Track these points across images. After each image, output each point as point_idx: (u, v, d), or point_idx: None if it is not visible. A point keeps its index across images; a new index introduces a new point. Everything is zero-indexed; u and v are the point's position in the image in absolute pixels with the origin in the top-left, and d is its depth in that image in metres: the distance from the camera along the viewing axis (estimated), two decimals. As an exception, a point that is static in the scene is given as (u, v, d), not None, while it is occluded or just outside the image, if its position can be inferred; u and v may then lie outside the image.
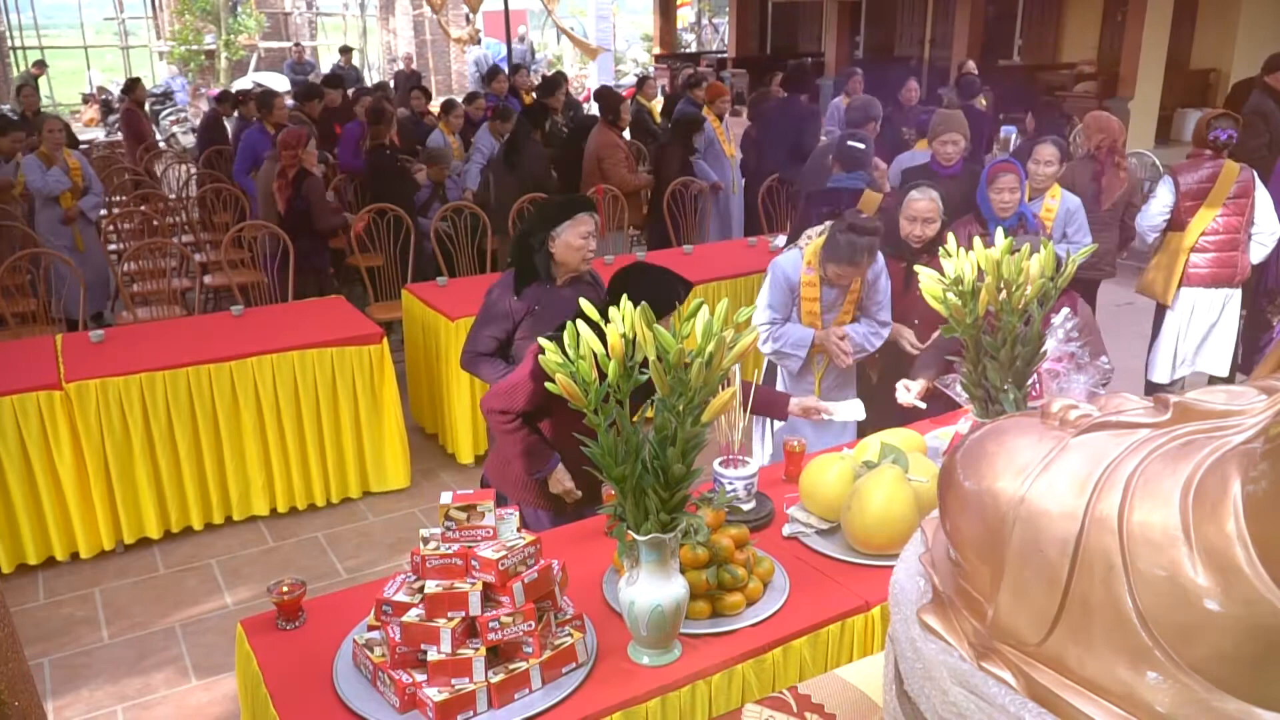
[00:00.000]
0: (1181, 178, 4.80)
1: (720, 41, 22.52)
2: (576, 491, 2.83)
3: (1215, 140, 4.75)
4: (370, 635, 2.00)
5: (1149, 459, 0.81)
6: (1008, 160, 4.18)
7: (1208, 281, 4.82)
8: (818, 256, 3.47)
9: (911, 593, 0.98)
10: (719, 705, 2.02)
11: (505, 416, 2.73)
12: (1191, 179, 4.77)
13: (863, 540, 2.33)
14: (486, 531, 1.91)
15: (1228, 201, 4.71)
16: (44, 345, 4.34)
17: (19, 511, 3.89)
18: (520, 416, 2.72)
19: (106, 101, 16.22)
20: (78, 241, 6.27)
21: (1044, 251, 2.39)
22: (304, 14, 22.49)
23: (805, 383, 3.65)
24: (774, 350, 3.59)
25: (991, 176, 4.09)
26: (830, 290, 3.52)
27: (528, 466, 2.79)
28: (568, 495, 2.83)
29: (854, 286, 3.52)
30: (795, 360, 3.57)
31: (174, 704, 3.25)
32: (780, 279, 3.57)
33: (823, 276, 3.49)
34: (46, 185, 6.18)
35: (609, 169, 6.91)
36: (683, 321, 1.75)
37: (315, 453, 4.44)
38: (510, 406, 2.70)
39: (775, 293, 3.57)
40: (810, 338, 3.52)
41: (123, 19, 20.64)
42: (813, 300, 3.52)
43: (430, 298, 4.95)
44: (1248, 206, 4.74)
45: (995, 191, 4.06)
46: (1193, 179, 4.77)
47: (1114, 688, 0.77)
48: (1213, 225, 4.75)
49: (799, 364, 3.57)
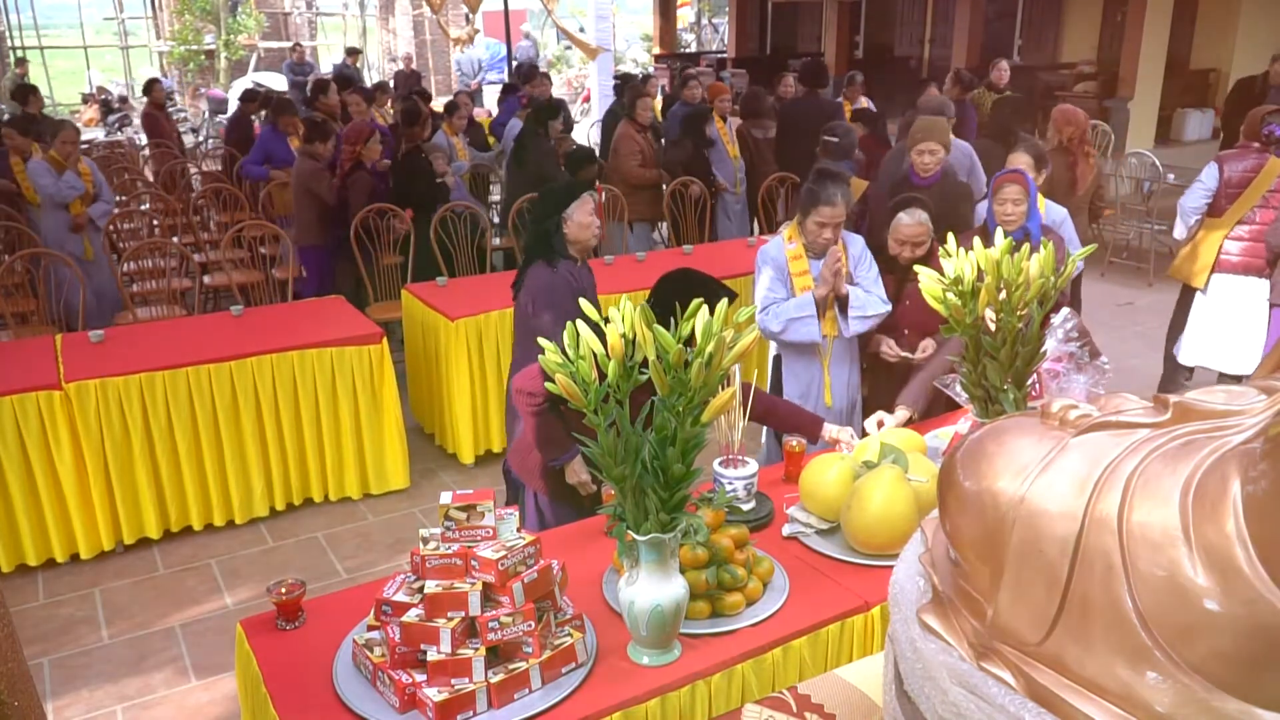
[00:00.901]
0: (1227, 165, 4.93)
1: (720, 41, 22.53)
2: (592, 485, 2.85)
3: (1270, 135, 4.86)
4: (370, 635, 2.00)
5: (1149, 459, 0.81)
6: (1015, 170, 3.98)
7: (1239, 269, 4.95)
8: (798, 229, 3.56)
9: (911, 593, 0.98)
10: (719, 705, 2.02)
11: (534, 399, 2.75)
12: (1237, 168, 4.91)
13: (862, 540, 2.33)
14: (486, 531, 1.91)
15: (1268, 194, 4.85)
16: (44, 345, 4.34)
17: (18, 512, 3.89)
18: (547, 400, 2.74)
19: (106, 101, 16.21)
20: (86, 250, 6.10)
21: (1044, 251, 2.39)
22: (304, 14, 22.50)
23: (813, 369, 3.64)
24: (783, 326, 3.52)
25: (996, 187, 3.89)
26: (817, 263, 3.56)
27: (547, 453, 2.84)
28: (583, 487, 2.86)
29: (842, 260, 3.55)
30: (809, 324, 3.49)
31: (174, 704, 3.25)
32: (769, 263, 3.60)
33: (807, 245, 3.55)
34: (59, 191, 5.99)
35: (618, 161, 6.93)
36: (683, 321, 1.75)
37: (315, 453, 4.44)
38: (539, 389, 2.72)
39: (769, 278, 3.60)
40: (811, 298, 3.50)
41: (122, 19, 20.64)
42: (803, 274, 3.56)
43: (430, 298, 4.95)
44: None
45: (999, 203, 3.85)
46: (1238, 168, 4.91)
47: (1113, 688, 0.77)
48: (1249, 215, 4.89)
49: (815, 327, 3.49)
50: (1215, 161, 5.00)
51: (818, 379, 3.65)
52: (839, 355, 3.65)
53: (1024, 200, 3.82)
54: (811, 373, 3.65)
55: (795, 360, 3.67)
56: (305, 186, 6.03)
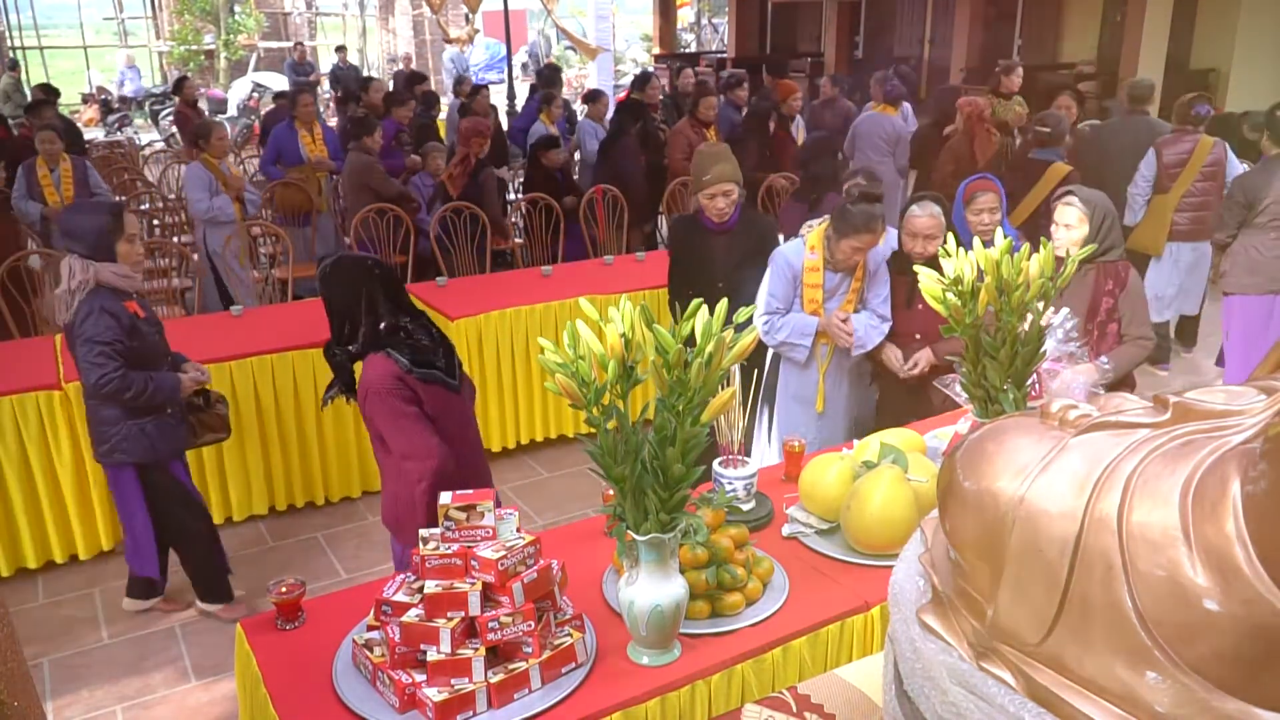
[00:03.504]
0: (1165, 151, 5.64)
1: (720, 41, 22.52)
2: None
3: (1198, 115, 5.61)
4: (370, 635, 2.00)
5: (1148, 459, 0.81)
6: (985, 177, 3.94)
7: (1188, 236, 5.70)
8: (822, 240, 3.52)
9: (911, 593, 0.98)
10: (718, 705, 2.01)
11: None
12: (1174, 152, 5.62)
13: (862, 540, 2.33)
14: (486, 531, 1.91)
15: (1204, 169, 5.58)
16: (44, 345, 4.34)
17: (18, 512, 3.89)
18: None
19: (106, 101, 16.21)
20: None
21: (1044, 252, 2.39)
22: (303, 14, 22.50)
23: (809, 374, 3.66)
24: (779, 342, 3.59)
25: (969, 196, 3.84)
26: (833, 276, 3.55)
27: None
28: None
29: (857, 275, 3.55)
30: (800, 350, 3.58)
31: (174, 704, 3.25)
32: (783, 267, 3.59)
33: (828, 259, 3.53)
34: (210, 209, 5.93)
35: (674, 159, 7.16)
36: (683, 321, 1.75)
37: (315, 453, 4.44)
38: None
39: (777, 282, 3.59)
40: (814, 325, 3.54)
41: (122, 19, 20.64)
42: (815, 286, 3.54)
43: (430, 298, 4.95)
44: (1219, 173, 5.58)
45: (974, 212, 3.81)
46: (1175, 152, 5.62)
47: (1113, 688, 0.77)
48: (1191, 189, 5.62)
49: (805, 354, 3.59)
50: (1153, 149, 5.66)
51: (813, 382, 3.67)
52: (838, 364, 3.67)
53: (998, 208, 3.80)
54: (809, 375, 3.67)
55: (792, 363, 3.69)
56: (360, 181, 6.04)
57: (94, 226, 3.18)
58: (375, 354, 2.59)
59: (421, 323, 2.70)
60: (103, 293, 3.19)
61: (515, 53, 17.54)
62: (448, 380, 2.65)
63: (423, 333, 2.68)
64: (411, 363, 2.57)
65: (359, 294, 2.60)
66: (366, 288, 2.60)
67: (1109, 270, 3.36)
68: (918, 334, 3.61)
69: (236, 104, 16.62)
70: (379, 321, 2.60)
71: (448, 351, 2.72)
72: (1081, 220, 3.31)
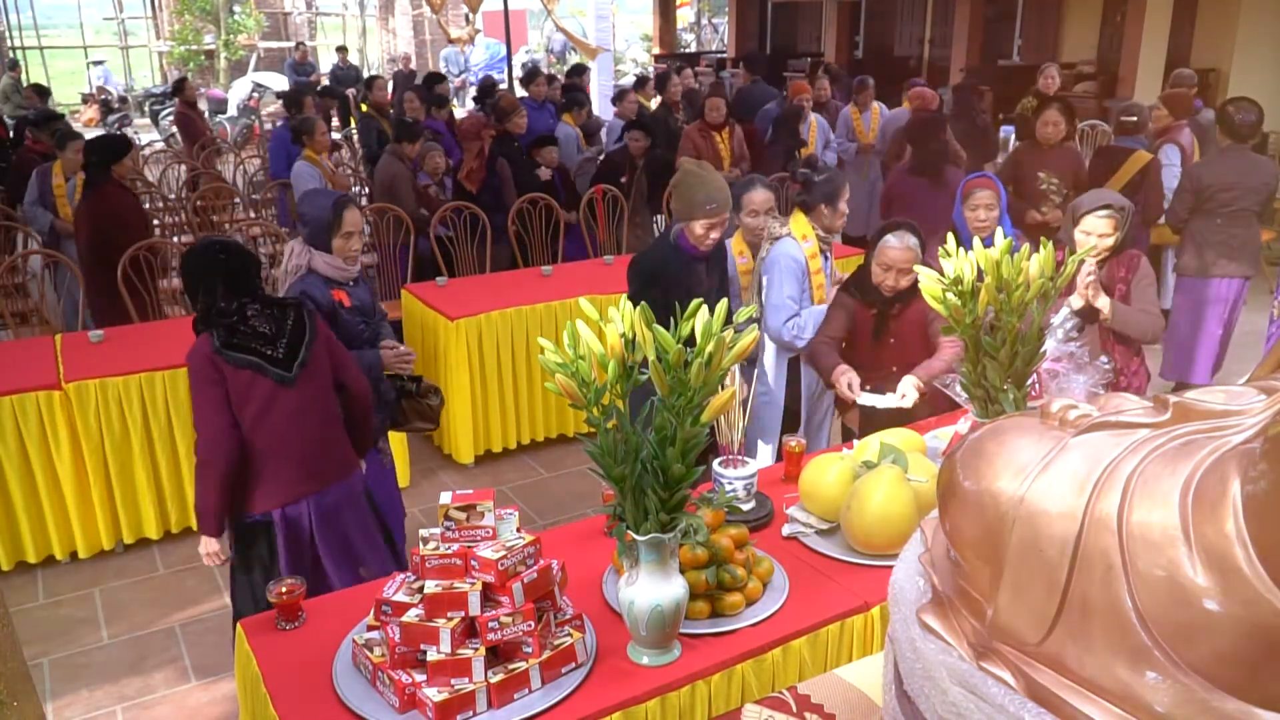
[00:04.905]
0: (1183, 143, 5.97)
1: (720, 41, 22.51)
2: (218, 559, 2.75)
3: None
4: (370, 635, 2.00)
5: (1148, 459, 0.81)
6: (984, 175, 3.90)
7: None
8: (810, 227, 3.70)
9: (911, 593, 0.98)
10: (718, 705, 2.01)
11: None
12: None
13: (862, 540, 2.33)
14: (486, 531, 1.91)
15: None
16: (43, 345, 4.34)
17: (18, 512, 3.89)
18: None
19: (106, 101, 16.21)
20: None
21: (1044, 252, 2.39)
22: (303, 14, 22.50)
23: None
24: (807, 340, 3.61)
25: (967, 192, 3.77)
26: (827, 262, 3.75)
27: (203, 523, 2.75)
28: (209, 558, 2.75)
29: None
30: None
31: (174, 704, 3.25)
32: (791, 265, 3.63)
33: (822, 237, 3.70)
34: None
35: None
36: (683, 321, 1.75)
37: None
38: None
39: (791, 283, 3.63)
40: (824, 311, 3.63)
41: (122, 19, 20.65)
42: (818, 273, 3.69)
43: (430, 298, 4.95)
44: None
45: (971, 208, 3.74)
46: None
47: (1113, 687, 0.77)
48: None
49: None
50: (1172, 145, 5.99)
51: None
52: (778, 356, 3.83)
53: (996, 206, 3.74)
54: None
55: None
56: (388, 187, 6.03)
57: (317, 217, 3.23)
58: (202, 333, 2.70)
59: (273, 313, 2.74)
60: (312, 278, 3.24)
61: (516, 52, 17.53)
62: (269, 369, 2.67)
63: (267, 321, 2.72)
64: (225, 345, 2.63)
65: (200, 277, 2.72)
66: (208, 271, 2.70)
67: (1122, 259, 3.44)
68: (894, 366, 3.39)
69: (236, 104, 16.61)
70: (214, 304, 2.70)
71: (296, 344, 2.74)
72: (1114, 228, 3.36)
